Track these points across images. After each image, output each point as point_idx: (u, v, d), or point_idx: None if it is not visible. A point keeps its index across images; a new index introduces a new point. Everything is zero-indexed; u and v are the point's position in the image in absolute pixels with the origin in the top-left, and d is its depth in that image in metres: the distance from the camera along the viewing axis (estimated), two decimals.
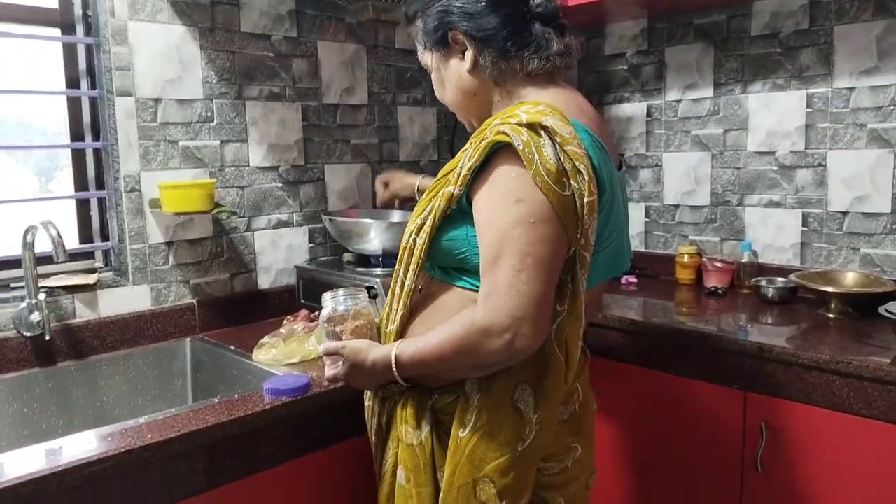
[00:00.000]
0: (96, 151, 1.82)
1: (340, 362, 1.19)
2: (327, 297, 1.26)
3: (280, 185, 2.06)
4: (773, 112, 2.18)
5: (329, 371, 1.22)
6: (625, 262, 1.23)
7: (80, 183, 1.83)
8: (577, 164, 1.02)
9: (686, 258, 2.29)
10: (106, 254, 1.84)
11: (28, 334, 1.61)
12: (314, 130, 2.13)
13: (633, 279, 2.35)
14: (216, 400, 1.38)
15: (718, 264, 2.19)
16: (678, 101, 2.39)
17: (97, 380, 1.70)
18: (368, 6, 2.04)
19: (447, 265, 1.15)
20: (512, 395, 1.08)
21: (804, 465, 1.58)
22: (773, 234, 2.21)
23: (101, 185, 1.83)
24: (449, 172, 1.13)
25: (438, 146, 2.48)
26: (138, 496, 1.21)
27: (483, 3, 1.15)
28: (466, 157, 1.07)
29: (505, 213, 1.01)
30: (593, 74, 2.62)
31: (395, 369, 1.13)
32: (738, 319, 1.91)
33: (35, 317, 1.60)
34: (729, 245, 2.31)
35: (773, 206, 2.20)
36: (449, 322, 1.08)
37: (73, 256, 1.78)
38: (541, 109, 1.05)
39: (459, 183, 1.07)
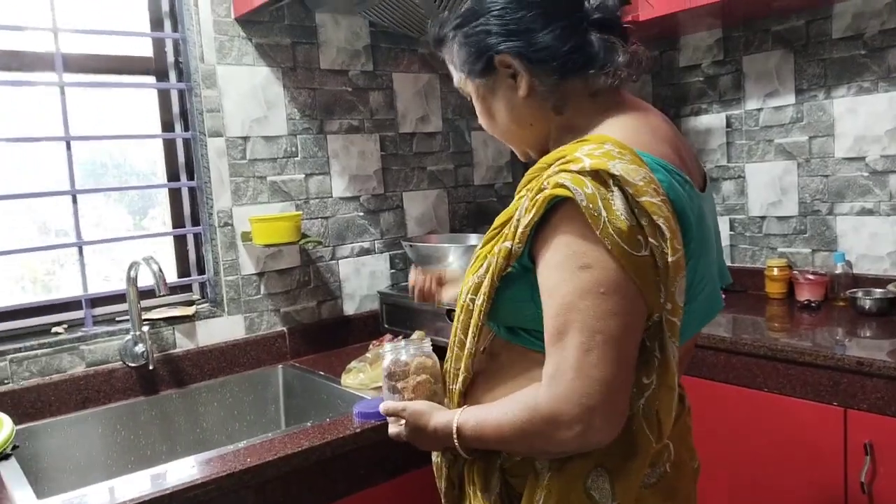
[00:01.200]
0: (191, 189, 1.93)
1: (397, 422, 1.10)
2: (387, 349, 1.16)
3: (361, 213, 2.13)
4: (861, 116, 2.10)
5: (393, 429, 1.11)
6: (719, 299, 1.09)
7: (177, 220, 1.94)
8: (654, 218, 0.85)
9: (776, 271, 2.22)
10: (202, 286, 1.94)
11: (133, 365, 1.72)
12: (391, 160, 2.19)
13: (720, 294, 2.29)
14: (308, 424, 1.43)
15: (811, 276, 2.11)
16: (759, 110, 2.33)
17: (197, 406, 1.79)
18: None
19: (513, 324, 0.99)
20: (585, 481, 0.93)
21: None
22: (867, 243, 2.12)
23: (195, 221, 1.93)
24: (505, 223, 0.97)
25: (513, 168, 2.50)
26: None
27: (531, 16, 0.96)
28: (522, 210, 0.91)
29: (569, 281, 0.86)
30: (668, 87, 2.59)
31: (456, 441, 1.00)
32: (835, 333, 1.83)
33: (139, 348, 1.70)
34: (821, 256, 2.23)
35: (866, 213, 2.11)
36: (511, 399, 0.94)
37: (172, 289, 1.88)
38: (607, 150, 0.88)
39: (518, 240, 0.91)
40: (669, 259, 0.86)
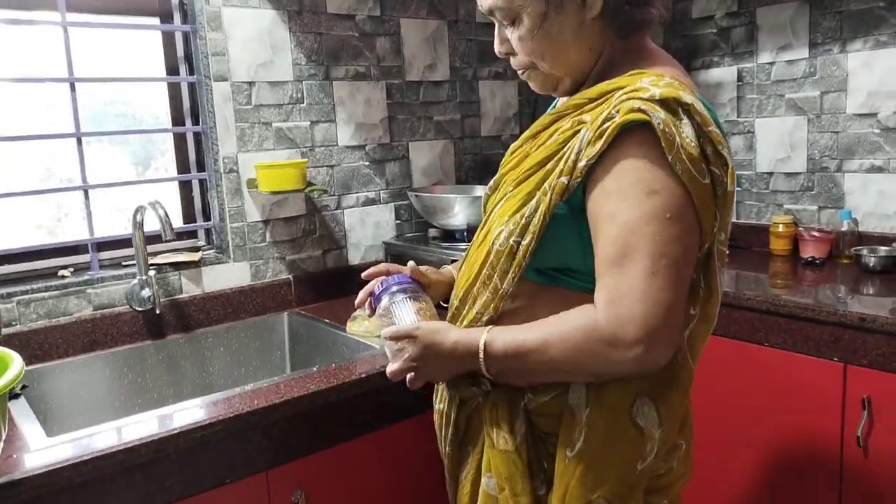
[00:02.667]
0: (195, 135, 1.92)
1: (407, 352, 1.01)
2: (382, 303, 1.09)
3: (367, 163, 2.11)
4: (876, 71, 2.06)
5: (393, 364, 1.02)
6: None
7: (182, 166, 1.93)
8: (719, 148, 0.88)
9: (781, 228, 2.21)
10: (208, 232, 1.94)
11: (140, 309, 1.73)
12: (398, 108, 2.16)
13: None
14: (315, 369, 1.45)
15: (816, 233, 2.10)
16: (771, 64, 2.29)
17: (203, 351, 1.81)
18: None
19: (547, 266, 0.97)
20: (630, 410, 0.93)
21: None
22: (875, 201, 2.10)
23: (201, 167, 1.92)
24: (546, 160, 0.96)
25: (520, 119, 2.47)
26: (246, 458, 1.29)
27: None
28: (582, 142, 0.90)
29: (635, 206, 0.86)
30: (680, 39, 2.54)
31: (482, 357, 0.95)
32: (837, 290, 1.84)
33: (146, 292, 1.71)
34: (827, 213, 2.22)
35: (876, 171, 2.09)
36: (558, 319, 0.92)
37: (178, 235, 1.88)
38: (669, 82, 0.89)
39: (577, 174, 0.89)
40: (728, 188, 0.89)
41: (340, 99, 2.04)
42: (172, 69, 1.90)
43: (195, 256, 1.83)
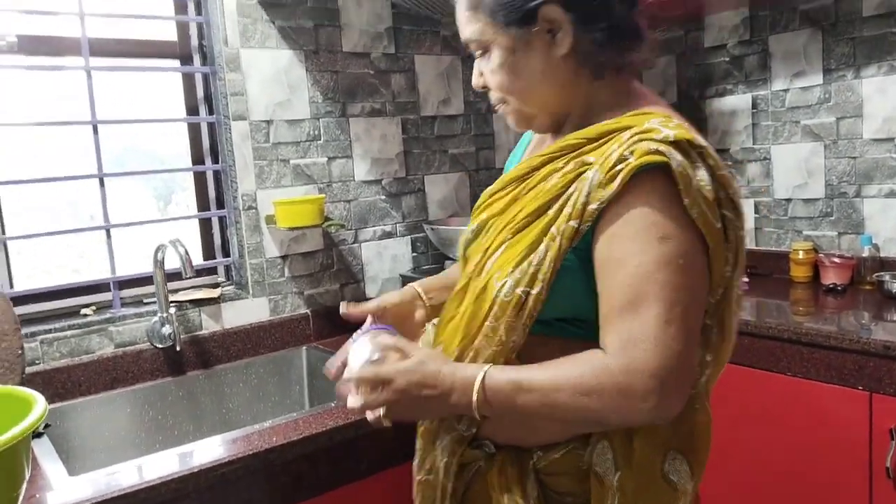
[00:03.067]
0: (215, 173, 1.95)
1: (385, 388, 0.91)
2: (365, 332, 1.07)
3: (383, 197, 2.13)
4: (891, 96, 2.05)
5: (360, 398, 0.93)
6: None
7: (202, 203, 1.96)
8: (730, 192, 0.87)
9: (801, 254, 2.19)
10: (227, 269, 1.96)
11: (160, 346, 1.74)
12: (413, 143, 2.19)
13: (744, 278, 2.27)
14: (332, 405, 1.45)
15: (837, 260, 2.08)
16: (785, 91, 2.29)
17: (223, 387, 1.82)
18: None
19: (552, 316, 0.93)
20: (662, 467, 0.91)
21: None
22: (895, 226, 2.08)
23: (220, 204, 1.95)
24: (547, 204, 0.92)
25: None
26: (266, 495, 1.29)
27: None
28: (591, 184, 0.87)
29: (646, 251, 0.84)
30: (693, 68, 2.55)
31: (475, 392, 0.87)
32: (861, 317, 1.81)
33: (166, 329, 1.73)
34: (847, 239, 2.20)
35: (895, 196, 2.07)
36: (568, 360, 0.87)
37: (198, 272, 1.91)
38: (679, 123, 0.88)
39: (587, 218, 0.87)
40: (740, 233, 0.89)
41: (356, 135, 2.06)
42: (192, 109, 1.94)
43: (215, 293, 1.84)
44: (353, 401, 0.94)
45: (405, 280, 2.11)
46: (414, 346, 0.97)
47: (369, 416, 0.96)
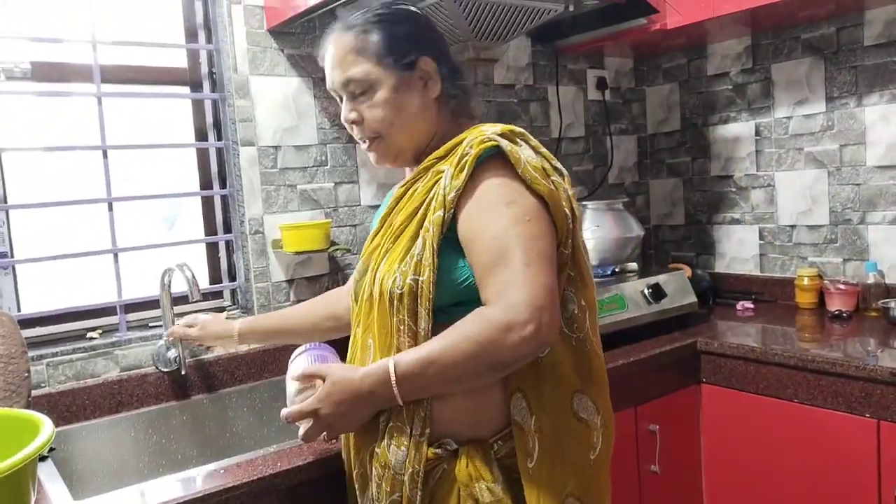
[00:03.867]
0: (223, 198, 1.97)
1: (311, 393, 1.12)
2: (299, 354, 1.24)
3: None
4: (894, 124, 2.07)
5: (304, 427, 1.12)
6: None
7: (209, 227, 1.97)
8: (552, 163, 1.10)
9: (806, 281, 2.20)
10: (233, 293, 1.97)
11: (165, 370, 1.74)
12: None
13: (749, 305, 2.27)
14: None
15: (842, 286, 2.08)
16: (788, 118, 2.31)
17: (227, 412, 1.81)
18: (469, 46, 2.11)
19: (446, 303, 1.06)
20: (572, 407, 1.07)
21: None
22: None
23: (227, 228, 1.96)
24: (414, 211, 1.09)
25: None
26: None
27: (441, 37, 1.21)
28: (446, 179, 1.05)
29: (499, 217, 1.02)
30: (696, 96, 2.58)
31: (394, 381, 1.02)
32: (867, 344, 1.81)
33: (172, 353, 1.73)
34: (852, 266, 2.20)
35: None
36: (455, 326, 1.01)
37: (204, 296, 1.91)
38: (501, 125, 1.09)
39: (449, 205, 1.04)
40: (570, 192, 1.09)
41: (363, 161, 2.08)
42: (201, 134, 1.96)
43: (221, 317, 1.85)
44: (300, 433, 1.13)
45: None
46: (327, 367, 1.12)
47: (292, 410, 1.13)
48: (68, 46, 1.76)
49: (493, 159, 1.05)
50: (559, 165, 1.11)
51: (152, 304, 1.82)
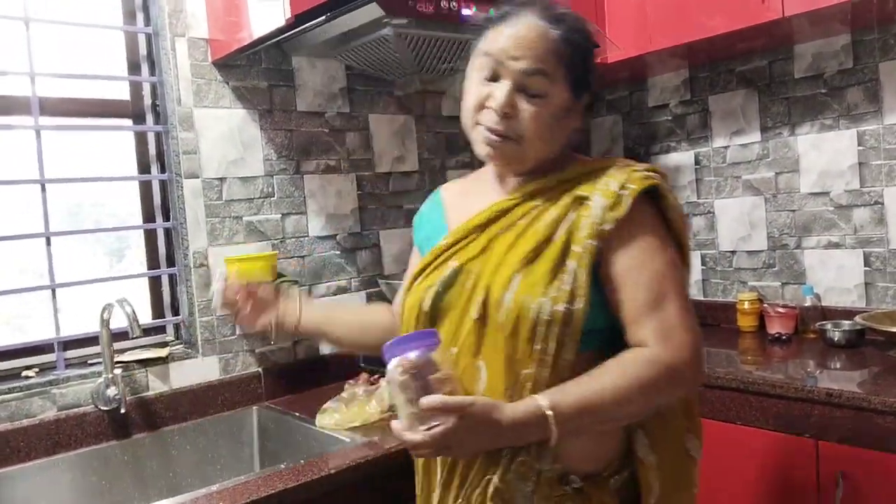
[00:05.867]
0: (167, 230, 1.94)
1: (445, 422, 0.92)
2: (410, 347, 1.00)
3: (338, 252, 2.14)
4: (825, 152, 2.16)
5: (419, 434, 0.94)
6: None
7: (152, 261, 1.94)
8: (682, 211, 1.11)
9: (746, 305, 2.26)
10: (177, 327, 1.93)
11: (105, 408, 1.69)
12: (369, 199, 2.21)
13: None
14: (282, 466, 1.42)
15: (781, 310, 2.14)
16: (726, 148, 2.39)
17: (170, 450, 1.76)
18: (416, 79, 2.14)
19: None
20: (684, 444, 1.10)
21: None
22: (834, 276, 2.16)
23: (171, 262, 1.93)
24: (548, 238, 1.04)
25: None
26: None
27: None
28: (598, 209, 1.02)
29: (655, 257, 1.02)
30: (638, 127, 2.65)
31: (553, 423, 0.94)
32: (806, 366, 1.86)
33: (112, 391, 1.68)
34: (790, 289, 2.27)
35: (833, 247, 2.16)
36: (613, 367, 0.98)
37: (147, 331, 1.87)
38: (645, 164, 1.10)
39: (604, 236, 1.02)
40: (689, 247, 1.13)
41: (311, 192, 2.08)
42: (144, 167, 1.93)
43: (163, 352, 1.81)
44: (413, 435, 0.95)
45: None
46: (468, 405, 0.94)
47: (417, 437, 0.94)
48: (7, 79, 1.73)
49: (647, 198, 1.05)
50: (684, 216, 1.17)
51: (91, 340, 1.77)
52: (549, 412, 0.94)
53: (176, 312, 1.93)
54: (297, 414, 1.79)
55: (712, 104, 2.42)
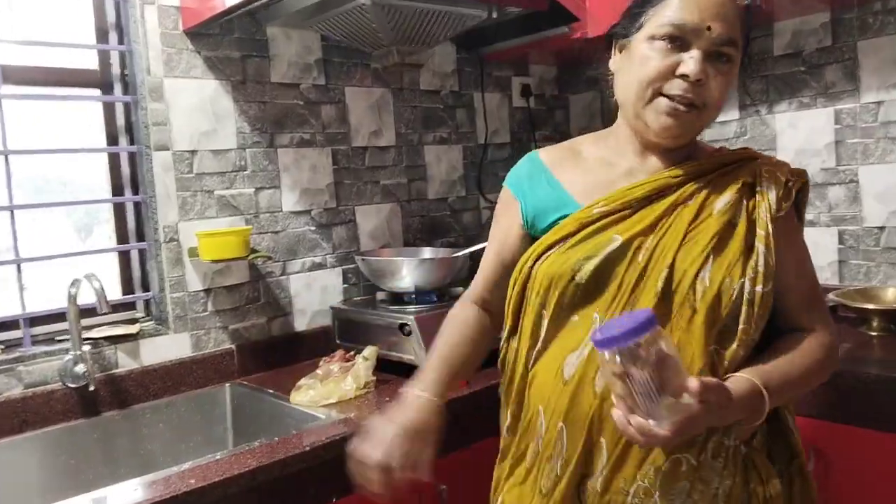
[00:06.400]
0: (136, 204, 1.89)
1: (689, 408, 0.86)
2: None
3: (313, 228, 2.10)
4: (801, 130, 2.16)
5: (666, 425, 0.86)
6: None
7: (121, 236, 1.89)
8: None
9: None
10: (147, 303, 1.89)
11: (73, 386, 1.66)
12: (344, 173, 2.17)
13: None
14: (256, 444, 1.40)
15: None
16: None
17: (141, 428, 1.73)
18: (393, 51, 2.09)
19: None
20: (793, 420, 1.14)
21: (853, 488, 1.53)
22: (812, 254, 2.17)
23: (141, 236, 1.89)
24: (732, 218, 1.05)
25: (466, 182, 2.51)
26: None
27: None
28: (773, 199, 1.04)
29: (806, 253, 1.12)
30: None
31: (767, 401, 0.97)
32: None
33: (80, 368, 1.65)
34: None
35: (808, 225, 2.17)
36: (798, 348, 1.05)
37: (116, 307, 1.83)
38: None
39: (774, 223, 1.04)
40: None
41: (285, 165, 2.04)
42: (113, 138, 1.88)
43: (133, 329, 1.77)
44: (668, 424, 0.86)
45: (336, 312, 2.07)
46: (728, 388, 0.95)
47: (663, 430, 0.86)
48: None
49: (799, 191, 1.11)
50: None
51: (59, 317, 1.73)
52: (764, 390, 0.97)
53: (146, 288, 1.89)
54: (271, 391, 1.77)
55: None
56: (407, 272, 1.92)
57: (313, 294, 2.10)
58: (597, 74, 2.66)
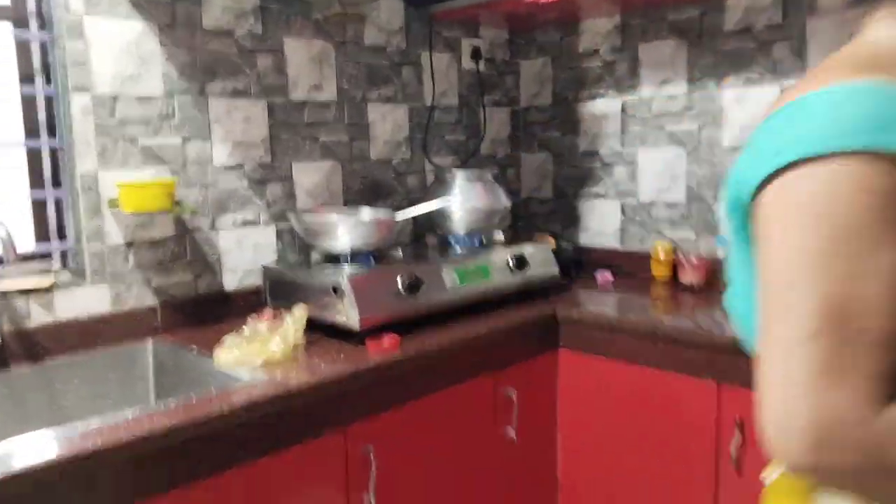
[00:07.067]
0: (53, 150, 1.77)
1: None
2: None
3: (246, 183, 2.02)
4: (748, 106, 2.16)
5: None
6: None
7: (36, 182, 1.77)
8: None
9: (661, 255, 2.27)
10: (63, 255, 1.79)
11: None
12: (281, 128, 2.08)
13: (609, 276, 2.32)
14: (172, 403, 1.33)
15: (694, 260, 2.16)
16: (652, 98, 2.37)
17: (55, 384, 1.64)
18: (335, 1, 2.01)
19: None
20: None
21: None
22: None
23: (58, 184, 1.77)
24: None
25: (411, 144, 2.44)
26: (91, 501, 1.16)
27: None
28: None
29: None
30: (566, 71, 2.59)
31: None
32: (713, 314, 1.88)
33: None
34: (705, 240, 2.29)
35: None
36: None
37: (30, 257, 1.72)
38: None
39: None
40: None
41: (217, 116, 1.94)
42: (27, 79, 1.75)
43: (46, 281, 1.67)
44: None
45: (267, 271, 1.99)
46: None
47: None
48: None
49: None
50: None
51: None
52: None
53: (63, 239, 1.79)
54: (194, 348, 1.70)
55: (642, 52, 2.38)
56: (343, 232, 1.86)
57: (244, 252, 2.02)
58: (548, 41, 2.63)
